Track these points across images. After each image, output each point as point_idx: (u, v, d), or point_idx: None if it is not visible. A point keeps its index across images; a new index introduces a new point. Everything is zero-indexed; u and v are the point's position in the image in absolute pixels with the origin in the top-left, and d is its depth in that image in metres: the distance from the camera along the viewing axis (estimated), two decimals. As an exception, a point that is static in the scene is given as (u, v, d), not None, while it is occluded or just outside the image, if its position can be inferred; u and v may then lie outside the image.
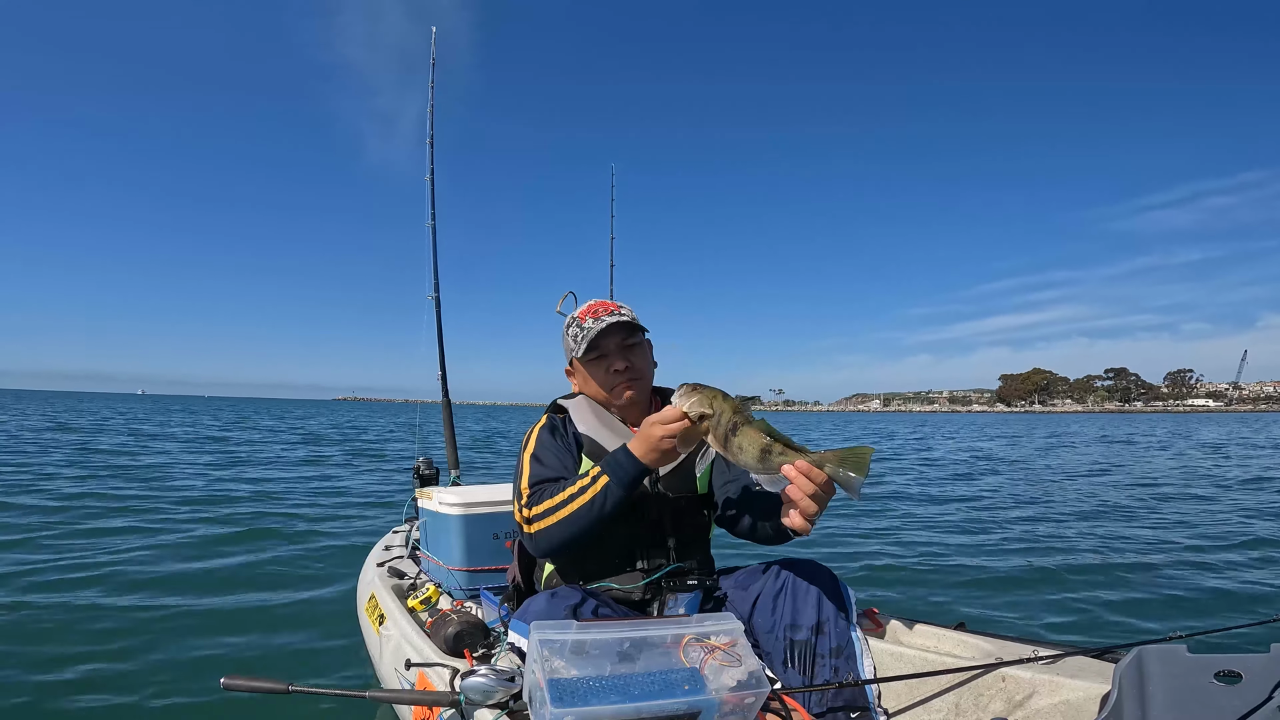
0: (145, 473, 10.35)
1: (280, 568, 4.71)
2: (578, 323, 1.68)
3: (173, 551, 5.08)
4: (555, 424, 1.70)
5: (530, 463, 1.61)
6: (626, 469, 1.40)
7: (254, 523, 6.39)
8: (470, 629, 1.79)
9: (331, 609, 3.67)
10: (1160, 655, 1.18)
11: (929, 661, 1.70)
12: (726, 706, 1.08)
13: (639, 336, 1.70)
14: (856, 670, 1.46)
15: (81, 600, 3.79)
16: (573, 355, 1.70)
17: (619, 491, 1.41)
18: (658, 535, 1.64)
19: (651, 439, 1.37)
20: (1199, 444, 19.31)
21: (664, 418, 1.36)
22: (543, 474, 1.57)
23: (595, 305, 1.71)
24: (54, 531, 5.64)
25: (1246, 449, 17.09)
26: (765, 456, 1.29)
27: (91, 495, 7.64)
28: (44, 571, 4.37)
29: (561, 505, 1.44)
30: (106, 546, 5.18)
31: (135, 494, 7.97)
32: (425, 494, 2.72)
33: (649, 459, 1.39)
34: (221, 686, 1.23)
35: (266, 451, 15.48)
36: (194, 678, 2.76)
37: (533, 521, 1.48)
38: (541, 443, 1.65)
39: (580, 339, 1.65)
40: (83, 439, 16.29)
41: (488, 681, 1.20)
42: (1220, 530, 5.96)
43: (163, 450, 14.77)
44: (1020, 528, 6.23)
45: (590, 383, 1.71)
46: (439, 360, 3.82)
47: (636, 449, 1.40)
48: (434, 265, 3.84)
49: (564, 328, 1.75)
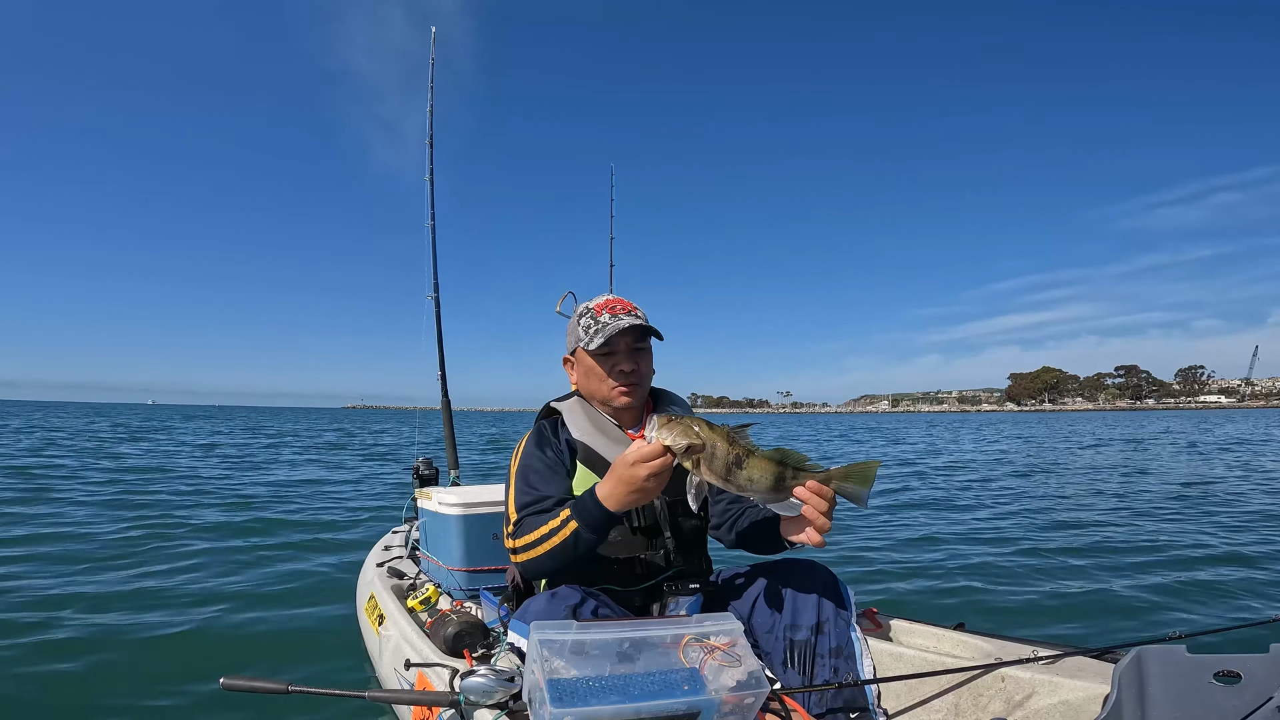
0: (145, 474, 10.35)
1: (280, 568, 4.71)
2: (592, 314, 1.64)
3: (173, 552, 5.08)
4: (545, 433, 1.66)
5: (516, 484, 1.57)
6: (595, 516, 1.36)
7: (254, 523, 6.39)
8: (470, 629, 1.79)
9: (331, 609, 3.67)
10: (1159, 655, 1.18)
11: (928, 662, 1.70)
12: (726, 707, 1.08)
13: (649, 341, 1.68)
14: (856, 670, 1.46)
15: (82, 600, 3.78)
16: (580, 345, 1.65)
17: (590, 537, 1.38)
18: (656, 540, 1.63)
19: (634, 480, 1.28)
20: (1229, 440, 19.12)
21: (643, 455, 1.26)
22: (528, 497, 1.53)
23: (613, 301, 1.66)
24: (56, 533, 5.64)
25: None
26: (780, 485, 1.27)
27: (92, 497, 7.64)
28: (45, 571, 4.37)
29: (539, 542, 1.43)
30: (106, 546, 5.19)
31: (136, 494, 7.97)
32: (425, 494, 2.72)
33: (626, 501, 1.32)
34: (221, 687, 1.23)
35: (267, 454, 15.48)
36: (193, 678, 2.75)
37: (517, 552, 1.48)
38: (528, 458, 1.61)
39: (593, 331, 1.61)
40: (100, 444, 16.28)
41: (487, 682, 1.20)
42: (1223, 529, 5.96)
43: (164, 453, 14.77)
44: (1021, 527, 6.23)
45: (590, 377, 1.66)
46: (438, 360, 3.83)
47: (610, 493, 1.33)
48: (433, 265, 3.85)
49: (575, 316, 1.69)
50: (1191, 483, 9.41)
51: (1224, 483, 9.36)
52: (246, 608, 3.76)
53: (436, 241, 3.87)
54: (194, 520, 6.40)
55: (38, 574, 4.32)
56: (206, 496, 8.08)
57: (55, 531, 5.68)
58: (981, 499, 8.27)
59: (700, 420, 1.29)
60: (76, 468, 10.92)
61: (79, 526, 5.91)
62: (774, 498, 1.29)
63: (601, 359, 1.63)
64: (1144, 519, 6.59)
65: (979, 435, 25.79)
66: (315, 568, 4.72)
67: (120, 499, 7.59)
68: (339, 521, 6.61)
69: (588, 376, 1.67)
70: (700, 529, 1.73)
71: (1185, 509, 7.18)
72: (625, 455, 1.31)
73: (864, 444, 19.98)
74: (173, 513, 6.83)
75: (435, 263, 3.86)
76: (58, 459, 12.46)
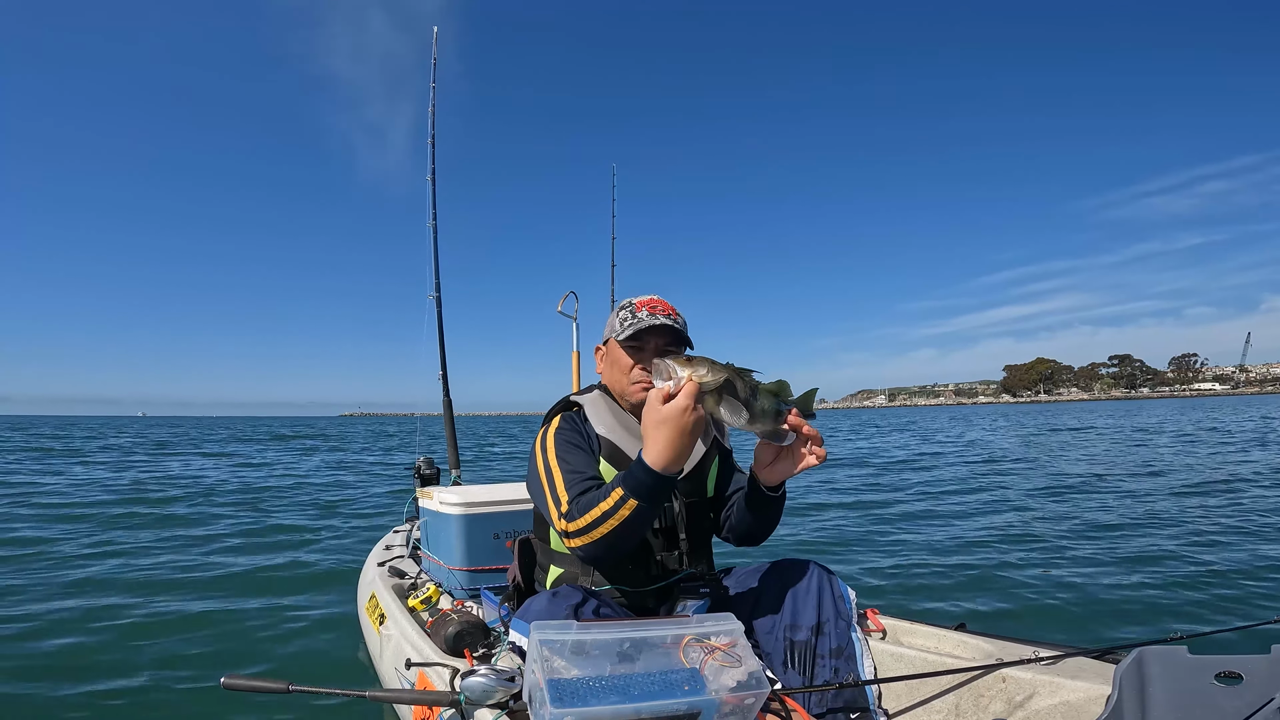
0: (145, 477, 10.36)
1: (281, 568, 4.71)
2: (632, 308, 1.65)
3: (172, 553, 5.08)
4: (574, 422, 1.64)
5: (560, 467, 1.51)
6: (649, 485, 1.30)
7: (254, 524, 6.39)
8: (470, 629, 1.79)
9: (332, 608, 3.67)
10: (1161, 656, 1.18)
11: (929, 662, 1.70)
12: (726, 707, 1.08)
13: (680, 348, 1.66)
14: (856, 671, 1.46)
15: (82, 601, 3.79)
16: (613, 335, 1.67)
17: (647, 508, 1.32)
18: (671, 540, 1.63)
19: (683, 424, 1.24)
20: (1225, 431, 19.16)
21: (680, 400, 1.24)
22: (576, 478, 1.48)
23: (656, 301, 1.67)
24: (65, 537, 5.65)
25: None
26: (779, 414, 1.32)
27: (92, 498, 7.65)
28: (46, 574, 4.38)
29: (596, 524, 1.35)
30: (107, 548, 5.19)
31: (139, 497, 7.98)
32: (426, 494, 2.72)
33: (677, 450, 1.26)
34: (222, 686, 1.23)
35: (266, 456, 15.49)
36: (194, 677, 2.76)
37: (573, 535, 1.39)
38: (564, 442, 1.57)
39: (628, 324, 1.62)
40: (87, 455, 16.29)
41: (488, 681, 1.20)
42: (1225, 528, 5.95)
43: (163, 458, 14.78)
44: (1021, 527, 6.23)
45: (614, 369, 1.67)
46: (440, 360, 3.83)
47: (659, 450, 1.27)
48: (435, 265, 3.86)
49: (616, 308, 1.72)
50: (1190, 479, 9.40)
51: (1224, 480, 9.34)
52: (247, 606, 3.77)
53: (438, 241, 3.88)
54: (194, 521, 6.40)
55: (38, 574, 4.33)
56: (207, 496, 8.09)
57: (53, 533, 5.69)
58: (982, 498, 8.27)
59: (706, 358, 1.29)
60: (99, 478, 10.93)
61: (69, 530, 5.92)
62: (775, 428, 1.33)
63: (630, 351, 1.64)
64: (1145, 517, 6.58)
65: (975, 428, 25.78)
66: (316, 567, 4.73)
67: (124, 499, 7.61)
68: (340, 521, 6.61)
69: (612, 367, 1.69)
70: (710, 531, 1.74)
71: (1185, 509, 7.16)
72: (656, 407, 1.27)
73: (864, 443, 20.00)
74: (164, 511, 6.84)
75: (436, 262, 3.87)
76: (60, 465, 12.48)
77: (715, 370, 1.26)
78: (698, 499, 1.68)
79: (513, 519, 2.49)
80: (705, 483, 1.70)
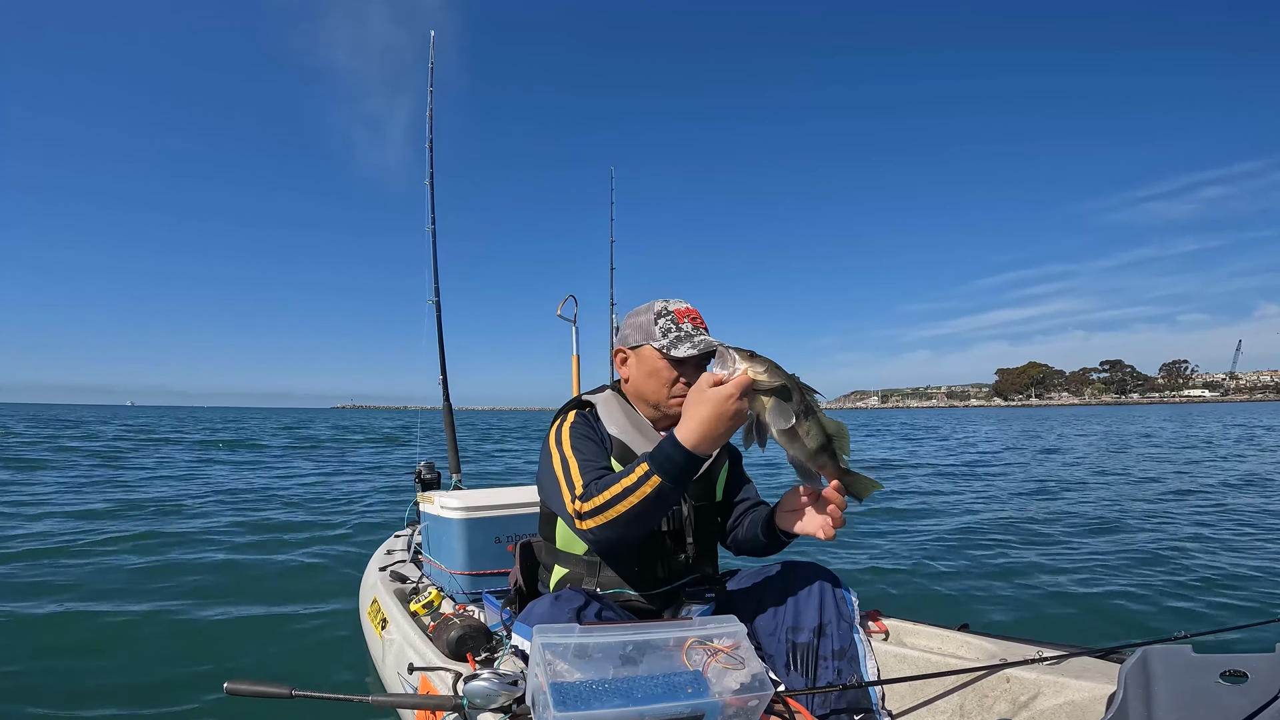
0: (140, 477, 10.36)
1: (282, 572, 4.71)
2: (673, 318, 1.58)
3: (173, 555, 5.08)
4: (588, 420, 1.60)
5: (575, 455, 1.47)
6: (678, 462, 1.27)
7: (255, 526, 6.39)
8: (473, 632, 1.79)
9: (334, 613, 3.67)
10: (1165, 655, 1.17)
11: (932, 663, 1.69)
12: (730, 709, 1.07)
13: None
14: (860, 672, 1.45)
15: (84, 603, 3.79)
16: (652, 343, 1.58)
17: (672, 489, 1.29)
18: (679, 542, 1.62)
19: (725, 410, 1.21)
20: (1223, 435, 19.22)
21: (725, 389, 1.21)
22: (592, 464, 1.46)
23: (692, 311, 1.60)
24: (57, 538, 5.65)
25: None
26: (823, 451, 1.25)
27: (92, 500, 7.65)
28: (48, 575, 4.38)
29: (614, 501, 1.31)
30: (107, 549, 5.19)
31: (133, 498, 7.98)
32: (427, 498, 2.72)
33: (715, 435, 1.24)
34: (225, 691, 1.23)
35: (264, 456, 15.49)
36: (197, 682, 2.75)
37: (586, 516, 1.35)
38: (578, 436, 1.53)
39: (675, 337, 1.55)
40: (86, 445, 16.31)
41: (490, 685, 1.20)
42: (1228, 527, 5.94)
43: (150, 455, 14.78)
44: (1021, 526, 6.22)
45: (651, 378, 1.59)
46: (440, 364, 3.83)
47: (696, 431, 1.24)
48: (434, 269, 3.85)
49: (649, 313, 1.61)
50: (1193, 480, 9.38)
51: (1224, 480, 9.33)
52: (249, 612, 3.76)
53: (437, 245, 3.87)
54: (193, 521, 6.40)
55: (37, 574, 4.32)
56: (206, 497, 8.09)
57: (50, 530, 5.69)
58: (981, 498, 8.25)
59: (769, 359, 1.25)
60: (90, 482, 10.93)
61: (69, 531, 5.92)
62: (814, 463, 1.26)
63: (676, 365, 1.57)
64: (1146, 517, 6.57)
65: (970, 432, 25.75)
66: (318, 571, 4.72)
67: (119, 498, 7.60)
68: (341, 524, 6.61)
69: (649, 376, 1.60)
70: (716, 535, 1.73)
71: (1186, 507, 7.15)
72: (702, 388, 1.25)
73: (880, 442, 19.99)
74: (164, 512, 6.84)
75: (436, 266, 3.86)
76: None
77: (774, 373, 1.22)
78: (706, 503, 1.68)
79: (514, 523, 2.49)
80: (715, 487, 1.70)
